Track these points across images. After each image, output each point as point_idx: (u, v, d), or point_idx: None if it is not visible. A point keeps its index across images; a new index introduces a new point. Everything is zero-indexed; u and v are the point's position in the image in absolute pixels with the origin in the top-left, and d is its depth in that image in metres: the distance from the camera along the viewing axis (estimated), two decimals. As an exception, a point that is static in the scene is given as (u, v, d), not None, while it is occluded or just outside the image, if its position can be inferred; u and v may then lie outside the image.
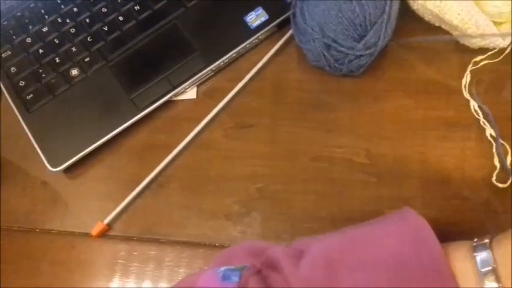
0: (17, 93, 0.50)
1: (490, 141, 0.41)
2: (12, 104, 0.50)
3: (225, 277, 0.29)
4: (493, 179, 0.39)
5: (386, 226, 0.30)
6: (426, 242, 0.28)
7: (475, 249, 0.28)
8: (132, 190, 0.45)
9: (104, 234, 0.44)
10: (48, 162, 0.46)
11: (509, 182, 0.39)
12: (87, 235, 0.44)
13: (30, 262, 0.45)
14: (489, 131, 0.41)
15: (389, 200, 0.40)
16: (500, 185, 0.39)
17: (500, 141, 0.40)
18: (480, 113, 0.42)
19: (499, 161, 0.40)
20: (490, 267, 0.27)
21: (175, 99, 0.48)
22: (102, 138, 0.46)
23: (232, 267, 0.30)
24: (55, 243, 0.45)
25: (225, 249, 0.33)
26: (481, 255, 0.28)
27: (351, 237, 0.30)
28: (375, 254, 0.28)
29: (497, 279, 0.27)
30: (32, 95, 0.49)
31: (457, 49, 0.44)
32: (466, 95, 0.43)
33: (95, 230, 0.44)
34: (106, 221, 0.44)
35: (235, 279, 0.29)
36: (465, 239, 0.38)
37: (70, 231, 0.45)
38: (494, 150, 0.40)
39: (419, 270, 0.27)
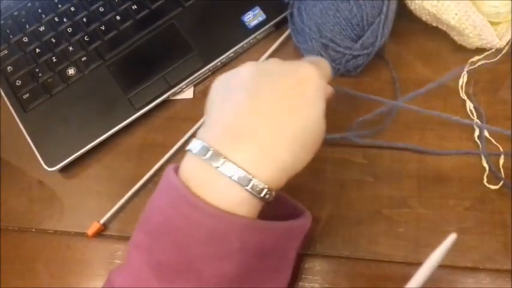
0: (14, 93, 0.50)
1: (487, 141, 0.40)
2: (8, 104, 0.50)
3: None
4: (484, 180, 0.39)
5: (157, 190, 0.32)
6: (172, 185, 0.29)
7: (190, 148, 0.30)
8: (129, 190, 0.45)
9: (100, 234, 0.44)
10: (45, 162, 0.46)
11: (501, 183, 0.39)
12: (83, 235, 0.44)
13: (26, 262, 0.45)
14: (477, 133, 0.41)
15: (387, 200, 0.40)
16: (492, 187, 0.39)
17: (484, 143, 0.40)
18: (475, 114, 0.42)
19: (487, 163, 0.40)
20: (205, 146, 0.29)
21: (172, 98, 0.48)
22: (98, 137, 0.46)
23: None
24: (51, 243, 0.45)
25: None
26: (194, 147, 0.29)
27: (142, 215, 0.32)
28: (154, 220, 0.30)
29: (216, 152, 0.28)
30: (28, 95, 0.49)
31: (454, 49, 0.44)
32: (463, 95, 0.43)
33: (91, 230, 0.43)
34: (102, 220, 0.44)
35: None
36: (464, 238, 0.38)
37: (66, 231, 0.45)
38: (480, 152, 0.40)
39: (178, 213, 0.29)
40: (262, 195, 0.28)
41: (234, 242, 0.28)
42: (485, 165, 0.40)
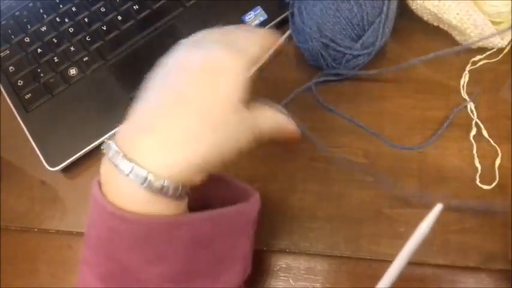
0: (16, 93, 0.50)
1: (487, 141, 0.40)
2: (10, 104, 0.50)
3: None
4: (477, 181, 0.39)
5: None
6: (93, 197, 0.30)
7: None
8: (130, 189, 0.45)
9: (102, 234, 0.44)
10: (47, 162, 0.46)
11: (495, 183, 0.39)
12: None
13: (27, 261, 0.45)
14: (473, 133, 0.41)
15: (388, 200, 0.40)
16: (484, 187, 0.39)
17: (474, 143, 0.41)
18: (475, 113, 0.42)
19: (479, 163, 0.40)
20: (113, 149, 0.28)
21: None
22: (100, 137, 0.46)
23: None
24: (53, 242, 0.45)
25: None
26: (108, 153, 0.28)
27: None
28: (91, 233, 0.30)
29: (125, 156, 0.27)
30: (30, 95, 0.49)
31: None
32: (464, 94, 0.43)
33: (93, 230, 0.44)
34: (104, 220, 0.44)
35: None
36: (465, 238, 0.38)
37: (68, 231, 0.45)
38: (474, 152, 0.40)
39: (104, 224, 0.29)
40: (165, 191, 0.27)
41: (160, 243, 0.28)
42: (478, 165, 0.40)
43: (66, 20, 0.52)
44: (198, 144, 0.27)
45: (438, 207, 0.31)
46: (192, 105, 0.28)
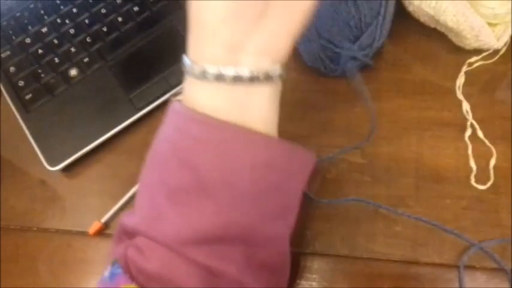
0: (16, 93, 0.50)
1: (482, 142, 0.41)
2: (11, 104, 0.50)
3: (112, 275, 0.30)
4: (472, 181, 0.40)
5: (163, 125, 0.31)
6: (175, 112, 0.30)
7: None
8: (130, 189, 0.45)
9: (101, 233, 0.44)
10: (47, 161, 0.47)
11: (490, 183, 0.39)
12: (84, 234, 0.44)
13: (27, 260, 0.45)
14: (468, 133, 0.41)
15: (385, 199, 0.40)
16: (479, 187, 0.39)
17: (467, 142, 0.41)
18: (471, 114, 0.42)
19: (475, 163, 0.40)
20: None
21: (173, 99, 0.49)
22: (100, 137, 0.47)
23: (110, 264, 0.31)
24: (52, 241, 0.45)
25: None
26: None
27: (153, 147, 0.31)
28: (162, 149, 0.30)
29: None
30: (31, 95, 0.50)
31: (451, 50, 0.45)
32: (460, 96, 0.43)
33: (92, 229, 0.44)
34: (103, 219, 0.44)
35: (118, 270, 0.29)
36: (460, 236, 0.38)
37: (67, 230, 0.45)
38: (469, 152, 0.41)
39: (181, 135, 0.28)
40: (275, 74, 0.27)
41: (245, 156, 0.27)
42: (473, 165, 0.40)
43: (67, 21, 0.52)
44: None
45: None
46: None
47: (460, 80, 0.44)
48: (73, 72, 0.50)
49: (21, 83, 0.51)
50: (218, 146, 0.27)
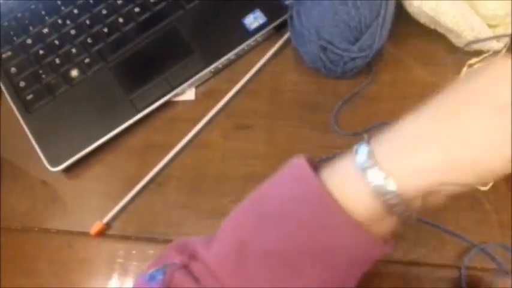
0: (17, 94, 0.50)
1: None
2: (12, 104, 0.50)
3: (151, 278, 0.30)
4: None
5: (277, 177, 0.30)
6: (305, 180, 0.28)
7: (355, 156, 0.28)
8: (131, 190, 0.45)
9: (102, 234, 0.45)
10: (48, 162, 0.47)
11: (491, 184, 0.39)
12: (85, 234, 0.45)
13: (28, 261, 0.45)
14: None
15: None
16: (481, 188, 0.39)
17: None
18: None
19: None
20: (366, 158, 0.27)
21: (174, 100, 0.49)
22: (101, 138, 0.47)
23: (158, 267, 0.31)
24: (53, 242, 0.45)
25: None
26: (359, 157, 0.27)
27: (252, 198, 0.31)
28: (271, 207, 0.29)
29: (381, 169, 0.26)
30: (32, 96, 0.50)
31: (451, 51, 0.45)
32: (461, 96, 0.43)
33: (94, 229, 0.44)
34: (105, 220, 0.44)
35: (160, 277, 0.29)
36: (461, 237, 0.38)
37: (69, 230, 0.46)
38: None
39: (308, 210, 0.27)
40: (390, 209, 0.27)
41: (345, 256, 0.27)
42: None
43: (68, 22, 0.52)
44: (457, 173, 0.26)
45: None
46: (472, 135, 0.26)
47: (460, 81, 0.44)
48: (74, 73, 0.50)
49: (22, 84, 0.51)
50: (331, 238, 0.27)
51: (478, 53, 0.44)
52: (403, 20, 0.45)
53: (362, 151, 0.28)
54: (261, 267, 0.28)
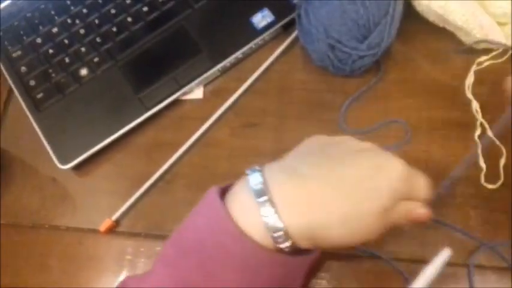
0: (27, 93, 0.51)
1: (491, 141, 0.41)
2: (22, 103, 0.51)
3: None
4: (482, 180, 0.40)
5: (196, 208, 0.32)
6: (211, 206, 0.30)
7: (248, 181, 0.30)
8: (140, 187, 0.45)
9: (111, 231, 0.45)
10: (58, 160, 0.47)
11: (500, 182, 0.39)
12: (95, 231, 0.45)
13: (39, 257, 0.45)
14: (477, 133, 0.41)
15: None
16: (489, 186, 0.39)
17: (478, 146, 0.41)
18: (480, 114, 0.42)
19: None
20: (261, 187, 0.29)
21: (182, 98, 0.49)
22: (110, 136, 0.47)
23: None
24: (63, 239, 0.46)
25: None
26: (253, 183, 0.29)
27: (177, 229, 0.32)
28: (188, 236, 0.31)
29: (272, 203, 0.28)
30: (42, 94, 0.50)
31: (460, 50, 0.45)
32: (469, 95, 0.43)
33: (103, 227, 0.44)
34: (114, 217, 0.45)
35: None
36: (469, 235, 0.38)
37: (78, 228, 0.46)
38: (479, 151, 0.40)
39: (213, 236, 0.29)
40: (283, 246, 0.29)
41: (261, 274, 0.29)
42: (483, 164, 0.40)
43: (77, 22, 0.52)
44: (334, 221, 0.28)
45: (446, 253, 0.31)
46: (349, 185, 0.29)
47: (470, 80, 0.44)
48: (83, 71, 0.51)
49: (32, 83, 0.51)
50: (242, 262, 0.29)
51: (487, 51, 0.44)
52: (412, 18, 0.45)
53: (255, 179, 0.29)
54: None
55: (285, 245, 0.29)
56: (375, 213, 0.29)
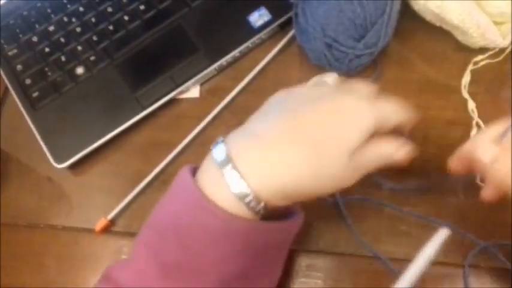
0: (23, 91, 0.51)
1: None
2: (18, 102, 0.50)
3: None
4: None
5: (170, 189, 0.32)
6: (183, 184, 0.30)
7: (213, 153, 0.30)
8: (136, 187, 0.45)
9: (107, 230, 0.45)
10: (54, 159, 0.47)
11: None
12: (90, 231, 0.45)
13: (34, 257, 0.45)
14: (473, 132, 0.41)
15: (390, 198, 0.40)
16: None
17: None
18: (476, 113, 0.42)
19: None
20: (225, 155, 0.29)
21: (178, 97, 0.49)
22: (106, 135, 0.47)
23: None
24: (59, 238, 0.46)
25: None
26: (216, 153, 0.29)
27: (152, 213, 0.33)
28: (164, 218, 0.31)
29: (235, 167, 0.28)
30: (37, 93, 0.50)
31: (457, 49, 0.45)
32: (465, 94, 0.43)
33: (98, 226, 0.44)
34: (109, 217, 0.45)
35: None
36: (467, 236, 0.38)
37: (74, 227, 0.46)
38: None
39: (189, 214, 0.29)
40: (252, 207, 0.29)
41: (238, 244, 0.29)
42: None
43: (74, 20, 0.52)
44: (302, 175, 0.28)
45: (443, 232, 0.30)
46: (310, 136, 0.29)
47: (466, 79, 0.44)
48: (79, 70, 0.50)
49: (28, 81, 0.51)
50: (216, 233, 0.29)
51: (483, 50, 0.44)
52: (409, 17, 0.45)
53: (219, 151, 0.29)
54: (165, 279, 0.29)
55: (259, 207, 0.28)
56: (343, 157, 0.28)
